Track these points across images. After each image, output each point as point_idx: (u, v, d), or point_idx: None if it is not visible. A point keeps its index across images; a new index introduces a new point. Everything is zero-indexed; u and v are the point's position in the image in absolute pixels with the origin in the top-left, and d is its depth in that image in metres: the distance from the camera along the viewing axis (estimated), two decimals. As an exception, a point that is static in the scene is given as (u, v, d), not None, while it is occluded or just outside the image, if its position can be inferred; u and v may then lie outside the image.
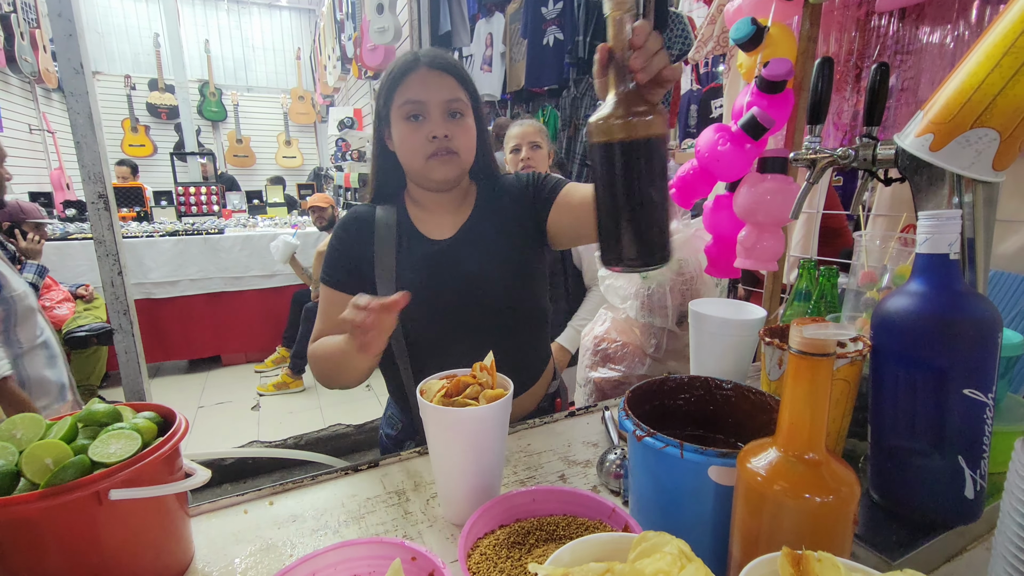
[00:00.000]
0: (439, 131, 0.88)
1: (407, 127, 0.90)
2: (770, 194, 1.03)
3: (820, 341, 0.42)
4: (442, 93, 0.89)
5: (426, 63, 0.89)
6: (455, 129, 0.90)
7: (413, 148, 0.90)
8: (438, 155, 0.90)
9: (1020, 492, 0.42)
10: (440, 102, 0.89)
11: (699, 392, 0.72)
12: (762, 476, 0.46)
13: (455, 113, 0.90)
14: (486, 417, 0.64)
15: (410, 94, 0.89)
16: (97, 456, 0.53)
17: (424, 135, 0.89)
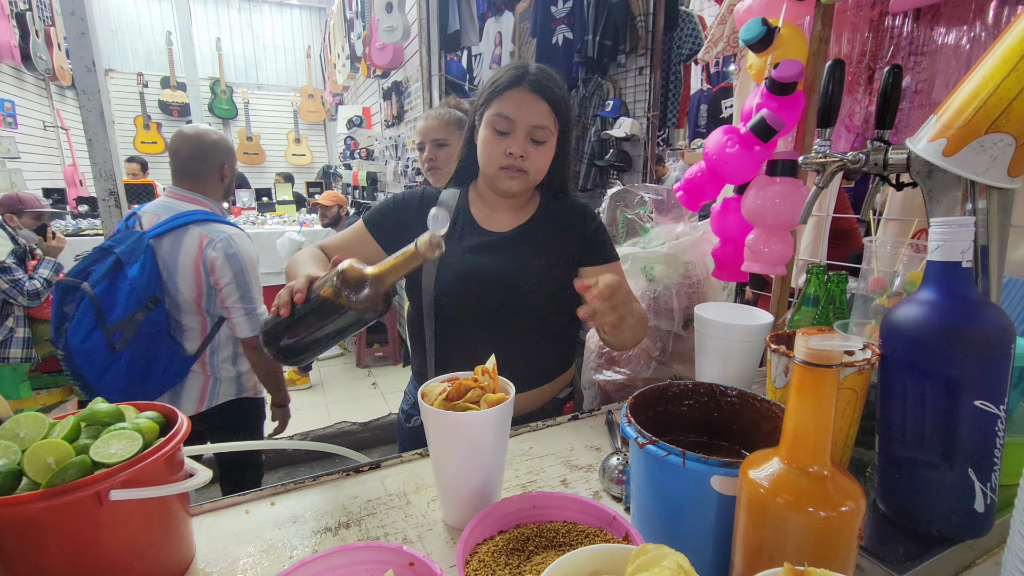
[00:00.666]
0: (517, 150, 0.95)
1: (492, 136, 0.96)
2: (779, 197, 1.01)
3: (826, 352, 0.41)
4: (532, 118, 0.95)
5: (529, 84, 0.95)
6: (533, 152, 0.97)
7: (490, 156, 0.97)
8: (509, 170, 0.97)
9: (1032, 509, 0.41)
10: (527, 126, 0.95)
11: (703, 399, 0.71)
12: (765, 488, 0.45)
13: (538, 140, 0.97)
14: (487, 421, 0.63)
15: (504, 109, 0.95)
16: (98, 456, 0.53)
17: (503, 148, 0.95)
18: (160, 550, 0.60)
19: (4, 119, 4.20)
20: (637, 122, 3.75)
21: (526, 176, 0.98)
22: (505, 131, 0.96)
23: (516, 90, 0.95)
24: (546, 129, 0.96)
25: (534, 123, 0.95)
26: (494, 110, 0.96)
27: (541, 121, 0.95)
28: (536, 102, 0.95)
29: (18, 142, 4.42)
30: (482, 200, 1.07)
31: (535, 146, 0.97)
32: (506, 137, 0.96)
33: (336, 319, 0.70)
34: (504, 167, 0.97)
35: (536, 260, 1.02)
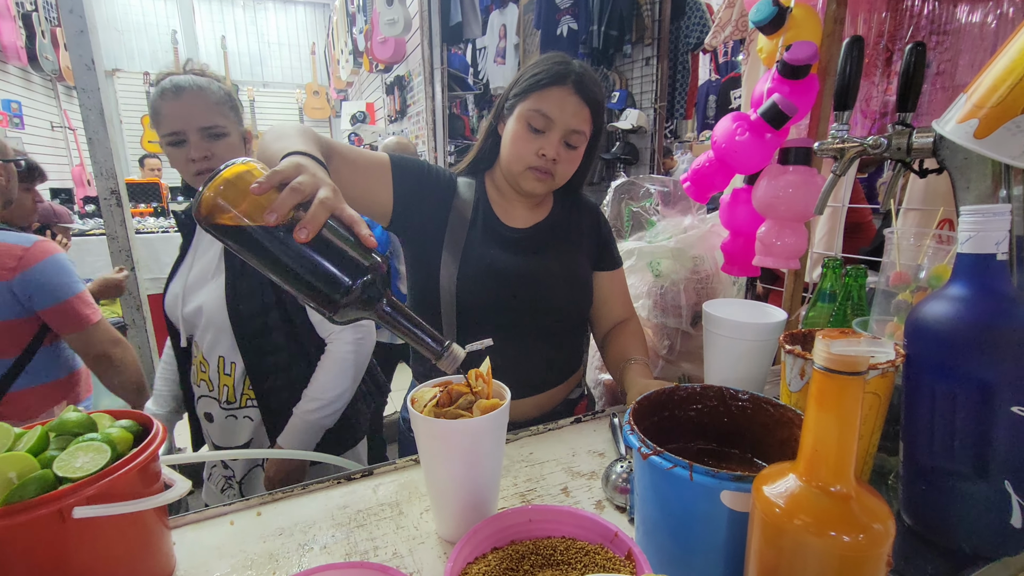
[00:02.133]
0: (550, 152, 0.90)
1: (525, 132, 0.91)
2: (792, 187, 0.96)
3: (851, 359, 0.36)
4: (571, 121, 0.90)
5: (574, 83, 0.90)
6: (565, 156, 0.92)
7: (519, 153, 0.92)
8: (537, 171, 0.92)
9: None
10: (565, 128, 0.90)
11: (712, 403, 0.67)
12: (780, 508, 0.41)
13: (572, 145, 0.93)
14: (480, 430, 0.59)
15: (543, 106, 0.89)
16: (62, 471, 0.50)
17: (535, 148, 0.90)
18: (135, 567, 0.56)
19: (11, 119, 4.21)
20: (644, 113, 3.68)
21: (552, 179, 0.93)
22: (540, 129, 0.90)
23: (559, 88, 0.89)
24: (582, 134, 0.92)
25: (572, 127, 0.90)
26: (531, 105, 0.90)
27: (580, 126, 0.91)
28: (578, 105, 0.90)
29: (25, 143, 4.44)
30: (499, 193, 1.02)
31: (567, 150, 0.93)
32: (540, 136, 0.90)
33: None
34: (533, 167, 0.92)
35: (557, 259, 0.99)
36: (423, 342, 0.57)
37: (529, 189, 0.95)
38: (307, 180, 0.53)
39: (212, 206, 0.51)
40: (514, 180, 0.96)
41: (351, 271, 0.52)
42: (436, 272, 0.94)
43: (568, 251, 1.01)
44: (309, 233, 0.50)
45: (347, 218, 0.54)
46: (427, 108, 3.62)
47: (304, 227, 0.50)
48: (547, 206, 1.05)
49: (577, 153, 0.95)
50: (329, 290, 0.52)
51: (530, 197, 0.99)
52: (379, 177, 0.90)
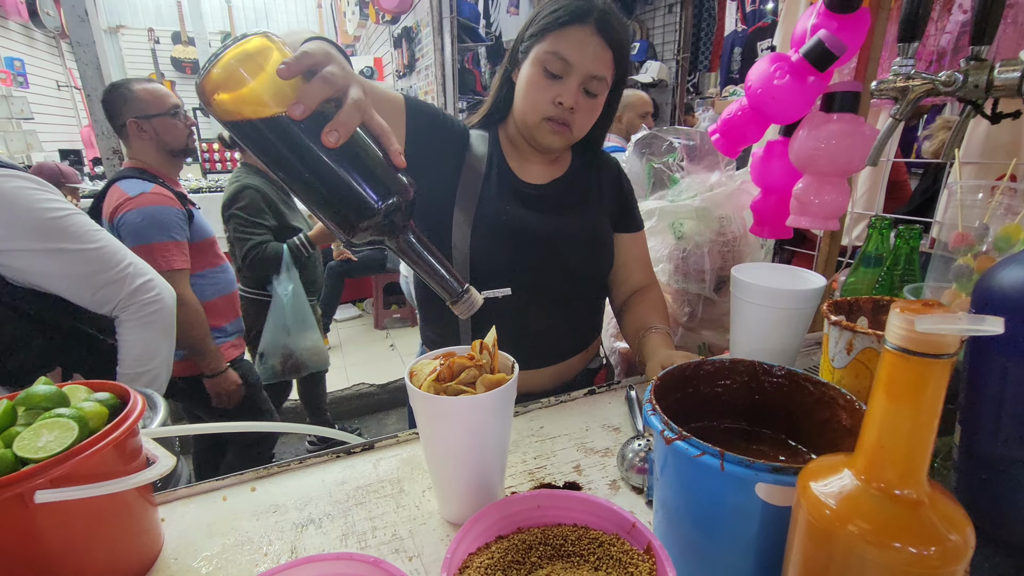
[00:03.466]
0: (568, 100, 0.82)
1: (539, 78, 0.83)
2: (836, 137, 0.86)
3: (938, 338, 0.29)
4: (592, 65, 0.81)
5: (596, 22, 0.80)
6: (583, 105, 0.84)
7: (535, 102, 0.84)
8: (554, 122, 0.84)
9: None
10: (584, 73, 0.81)
11: (743, 378, 0.60)
12: (831, 509, 0.34)
13: (592, 92, 0.84)
14: (484, 407, 0.54)
15: (561, 48, 0.80)
16: (23, 451, 0.46)
17: (552, 95, 0.82)
18: (115, 548, 0.53)
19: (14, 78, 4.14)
20: (665, 66, 3.48)
21: (569, 132, 0.85)
22: (558, 74, 0.82)
23: (580, 27, 0.80)
24: (603, 81, 0.83)
25: (592, 72, 0.81)
26: (548, 46, 0.81)
27: (600, 71, 0.82)
28: (600, 47, 0.81)
29: (31, 103, 4.37)
30: (513, 147, 0.95)
31: (587, 98, 0.84)
32: (557, 82, 0.82)
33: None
34: (549, 118, 0.84)
35: (577, 218, 0.93)
36: (443, 280, 0.51)
37: (545, 143, 0.87)
38: (339, 73, 0.44)
39: (223, 85, 0.41)
40: (529, 133, 0.88)
41: (379, 190, 0.45)
42: (448, 230, 0.88)
43: (588, 210, 0.94)
44: (340, 137, 0.42)
45: (376, 127, 0.47)
46: (436, 61, 3.46)
47: (335, 129, 0.42)
48: (565, 162, 0.97)
49: (597, 102, 0.86)
50: (350, 208, 0.45)
51: (546, 152, 0.92)
52: (393, 115, 0.82)
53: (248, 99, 0.42)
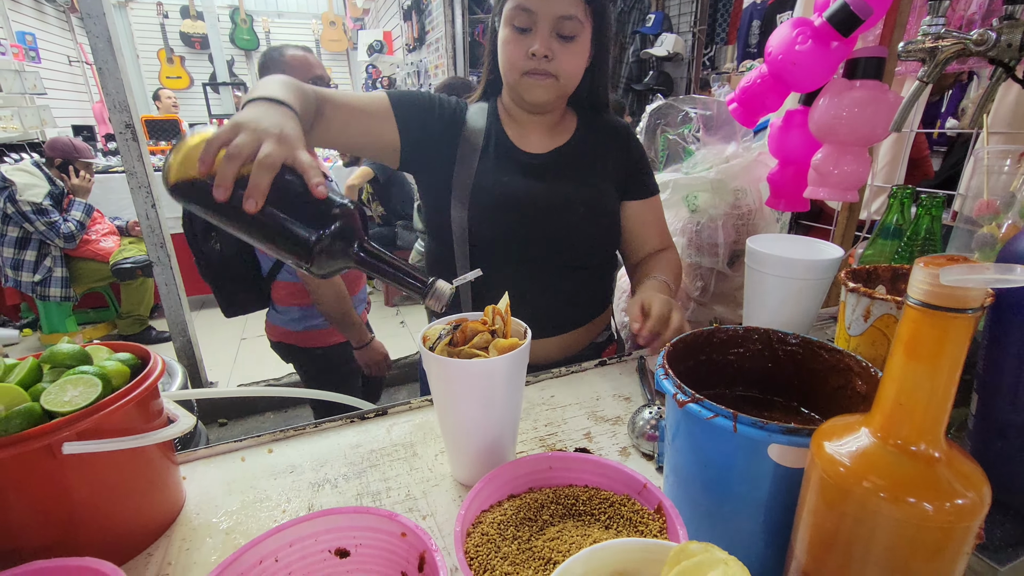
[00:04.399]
0: (540, 49, 0.80)
1: (511, 35, 0.82)
2: (858, 105, 0.83)
3: (963, 291, 0.28)
4: (556, 6, 0.79)
5: None
6: (560, 50, 0.81)
7: (511, 59, 0.83)
8: (534, 75, 0.82)
9: None
10: (551, 17, 0.79)
11: (756, 347, 0.60)
12: (846, 466, 0.34)
13: (566, 35, 0.81)
14: (496, 371, 0.54)
15: (523, 0, 0.79)
16: (50, 404, 0.47)
17: (525, 48, 0.81)
18: (139, 502, 0.55)
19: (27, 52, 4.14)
20: (681, 39, 3.39)
21: (556, 81, 0.83)
22: (526, 27, 0.80)
23: None
24: (575, 20, 0.80)
25: (559, 13, 0.79)
26: (512, 3, 0.80)
27: (567, 10, 0.79)
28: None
29: (44, 78, 4.38)
30: (511, 118, 0.93)
31: (563, 43, 0.81)
32: (527, 35, 0.81)
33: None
34: (528, 72, 0.82)
35: (580, 187, 0.90)
36: (405, 283, 0.54)
37: (533, 98, 0.85)
38: (244, 140, 0.50)
39: (175, 178, 0.51)
40: (517, 94, 0.87)
41: (312, 225, 0.50)
42: (447, 206, 0.87)
43: (592, 179, 0.92)
44: (256, 203, 0.48)
45: (299, 165, 0.51)
46: (446, 34, 3.40)
47: (250, 196, 0.48)
48: (568, 129, 0.94)
49: (577, 45, 0.83)
50: (293, 248, 0.50)
51: (540, 110, 0.89)
52: (380, 116, 0.84)
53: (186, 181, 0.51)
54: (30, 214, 2.85)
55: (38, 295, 3.02)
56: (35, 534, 0.48)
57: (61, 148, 3.03)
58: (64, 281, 3.04)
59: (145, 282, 3.30)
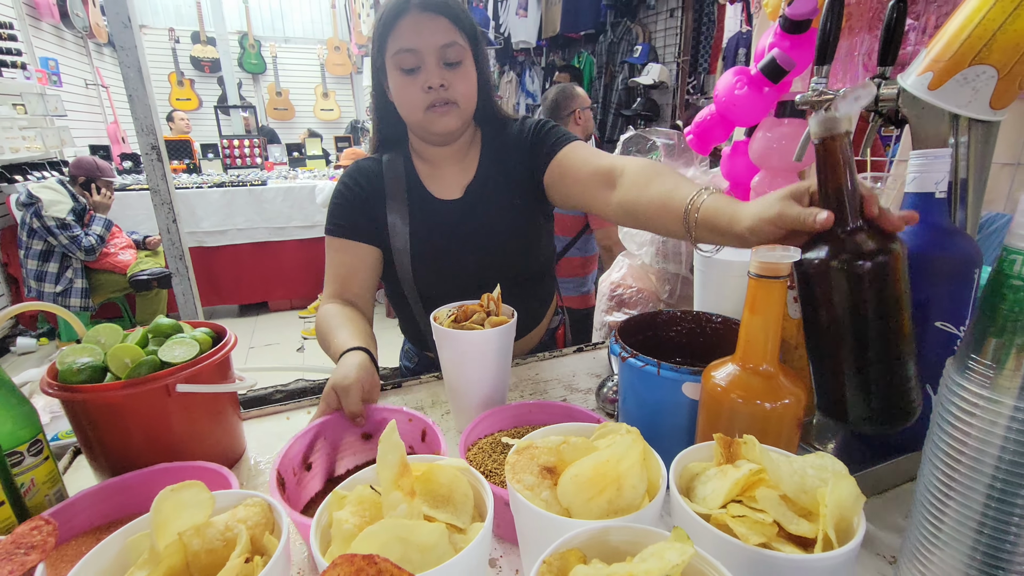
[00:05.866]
0: (435, 81, 0.84)
1: (402, 79, 0.85)
2: (786, 139, 1.03)
3: (772, 264, 0.46)
4: (436, 38, 0.83)
5: (417, 4, 0.83)
6: (452, 78, 0.85)
7: (410, 100, 0.86)
8: (436, 107, 0.86)
9: (946, 402, 0.46)
10: (435, 49, 0.83)
11: (690, 325, 0.78)
12: (721, 387, 0.52)
13: (452, 62, 0.85)
14: (490, 339, 0.72)
15: (403, 42, 0.83)
16: (165, 357, 0.64)
17: (420, 86, 0.84)
18: (218, 438, 0.72)
19: (49, 77, 4.37)
20: (666, 68, 3.64)
21: (457, 107, 0.87)
22: (414, 67, 0.84)
23: (407, 17, 0.83)
24: (456, 45, 0.84)
25: (440, 43, 0.83)
26: (393, 48, 0.84)
27: (447, 38, 0.83)
28: (433, 19, 0.83)
29: (64, 100, 4.61)
30: (423, 160, 0.98)
31: (452, 69, 0.85)
32: (418, 73, 0.84)
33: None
34: (430, 106, 0.85)
35: (497, 217, 0.96)
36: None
37: (440, 128, 0.88)
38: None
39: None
40: (424, 131, 0.90)
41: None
42: (391, 268, 0.97)
43: (505, 202, 0.96)
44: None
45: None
46: (448, 64, 3.63)
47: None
48: (474, 158, 0.98)
49: (465, 68, 0.87)
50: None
51: (450, 138, 0.93)
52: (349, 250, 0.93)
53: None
54: (54, 228, 3.03)
55: (59, 305, 3.18)
56: (146, 455, 0.65)
57: (86, 167, 3.23)
58: (84, 292, 3.21)
59: (159, 293, 3.47)
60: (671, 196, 0.71)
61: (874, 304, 0.48)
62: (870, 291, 0.48)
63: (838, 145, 0.48)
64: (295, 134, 7.64)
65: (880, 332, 0.49)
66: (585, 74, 4.17)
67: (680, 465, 0.44)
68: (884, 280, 0.48)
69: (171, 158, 4.59)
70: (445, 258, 0.96)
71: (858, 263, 0.47)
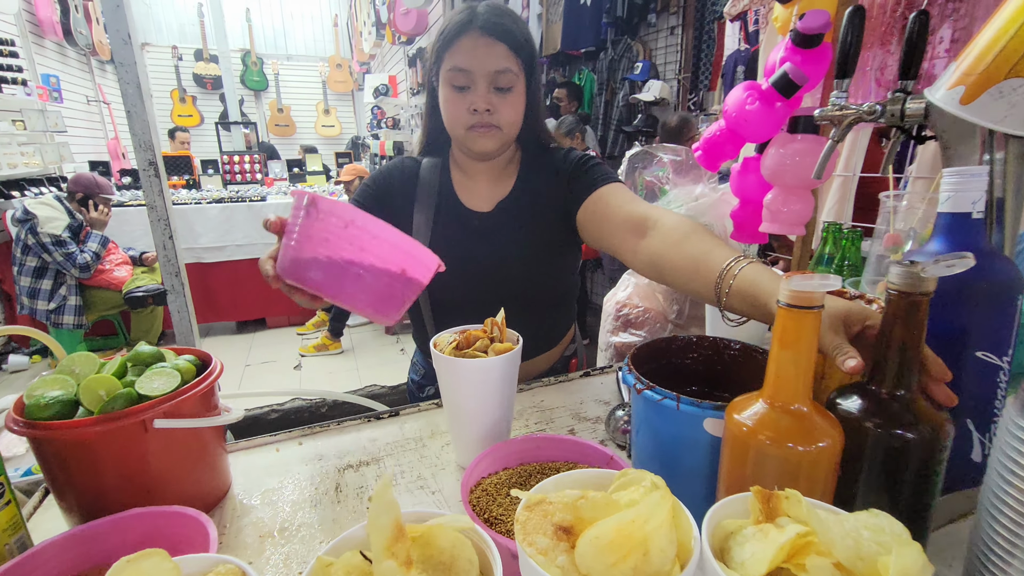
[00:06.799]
0: (481, 105, 0.86)
1: (452, 94, 0.88)
2: (799, 155, 0.99)
3: (807, 294, 0.42)
4: (490, 63, 0.85)
5: (480, 25, 0.85)
6: (499, 103, 0.87)
7: (455, 117, 0.89)
8: (478, 128, 0.88)
9: (1008, 448, 0.42)
10: (487, 73, 0.86)
11: (707, 352, 0.73)
12: (747, 427, 0.47)
13: (503, 87, 0.87)
14: (493, 368, 0.67)
15: (457, 61, 0.86)
16: (143, 390, 0.60)
17: (466, 106, 0.87)
18: (199, 477, 0.66)
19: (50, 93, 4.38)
20: (667, 85, 3.64)
21: (499, 131, 0.89)
22: (464, 85, 0.87)
23: (466, 36, 0.85)
24: (509, 72, 0.86)
25: (494, 68, 0.85)
26: (448, 64, 0.87)
27: (501, 64, 0.85)
28: (491, 44, 0.85)
29: (64, 116, 4.62)
30: (461, 171, 1.00)
31: (501, 95, 0.87)
32: (467, 92, 0.87)
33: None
34: (472, 127, 0.88)
35: (524, 238, 0.96)
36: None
37: (479, 148, 0.91)
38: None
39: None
40: (463, 146, 0.94)
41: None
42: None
43: (535, 226, 0.97)
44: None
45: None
46: (449, 80, 3.64)
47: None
48: (511, 175, 1.00)
49: (514, 95, 0.89)
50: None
51: (488, 157, 0.96)
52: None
53: None
54: (49, 245, 2.99)
55: (52, 323, 3.13)
56: (120, 497, 0.60)
57: (85, 184, 3.21)
58: (78, 309, 3.16)
59: (155, 310, 3.42)
60: (706, 258, 0.69)
61: (905, 476, 0.47)
62: (903, 464, 0.46)
63: (917, 305, 0.45)
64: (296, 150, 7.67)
65: (908, 501, 0.47)
66: (586, 91, 4.18)
67: (713, 522, 0.40)
68: (923, 459, 0.47)
69: (171, 174, 4.58)
70: (462, 266, 0.92)
71: (897, 432, 0.46)
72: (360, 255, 0.55)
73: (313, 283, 0.56)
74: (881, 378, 0.48)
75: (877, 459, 0.47)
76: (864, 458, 0.48)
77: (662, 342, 0.72)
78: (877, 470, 0.48)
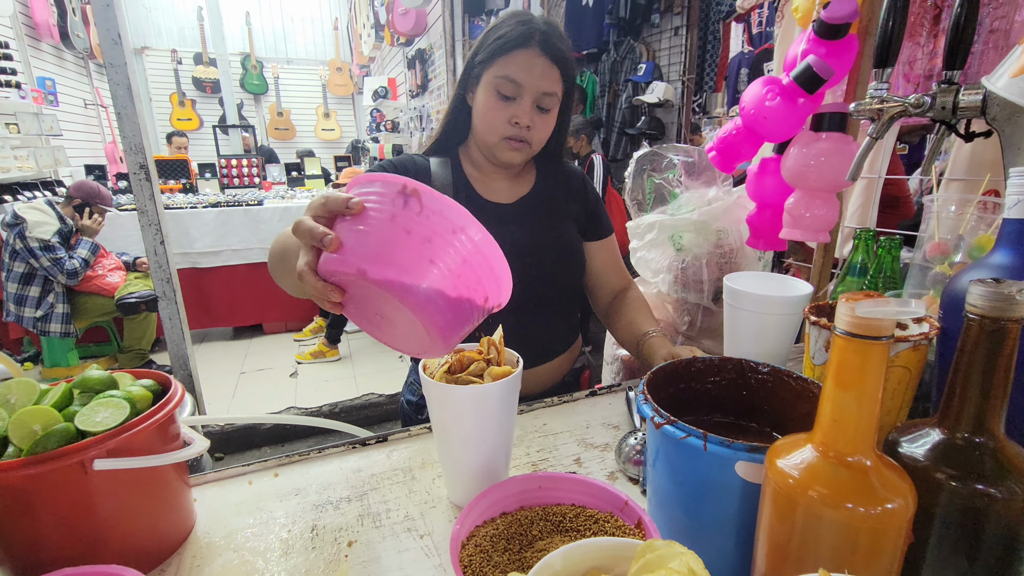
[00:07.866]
0: (524, 120, 0.87)
1: (495, 101, 0.88)
2: (825, 155, 0.91)
3: (876, 322, 0.34)
4: (542, 83, 0.87)
5: (539, 44, 0.86)
6: (539, 121, 0.90)
7: (493, 124, 0.89)
8: (512, 140, 0.89)
9: None
10: (536, 91, 0.87)
11: (731, 375, 0.65)
12: (794, 479, 0.39)
13: (544, 107, 0.89)
14: (490, 395, 0.59)
15: (511, 71, 0.86)
16: (83, 424, 0.52)
17: (508, 116, 0.87)
18: (156, 519, 0.58)
19: (45, 97, 4.33)
20: (671, 86, 3.56)
21: (529, 148, 0.91)
22: (511, 96, 0.87)
23: (525, 50, 0.86)
24: (554, 96, 0.89)
25: (543, 89, 0.87)
26: (498, 71, 0.87)
27: (551, 87, 0.88)
28: (547, 66, 0.87)
29: (60, 120, 4.56)
30: (476, 168, 1.00)
31: (541, 114, 0.90)
32: (511, 103, 0.88)
33: None
34: (508, 137, 0.89)
35: (546, 231, 0.98)
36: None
37: (506, 159, 0.92)
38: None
39: None
40: (489, 152, 0.93)
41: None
42: None
43: (556, 222, 1.00)
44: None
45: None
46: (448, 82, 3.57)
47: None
48: (530, 178, 1.02)
49: (551, 116, 0.92)
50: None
51: (507, 168, 0.98)
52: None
53: None
54: (37, 250, 2.91)
55: (39, 331, 3.05)
56: (61, 547, 0.52)
57: (87, 191, 3.14)
58: (65, 317, 3.09)
59: (148, 317, 3.35)
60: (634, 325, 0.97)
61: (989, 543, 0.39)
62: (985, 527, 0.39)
63: (1006, 332, 0.37)
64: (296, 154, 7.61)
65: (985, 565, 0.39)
66: (588, 93, 4.11)
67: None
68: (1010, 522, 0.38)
69: (168, 178, 4.51)
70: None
71: (978, 488, 0.38)
72: (460, 267, 0.47)
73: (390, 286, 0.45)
74: (956, 420, 0.40)
75: (953, 521, 0.39)
76: (935, 518, 0.40)
77: (680, 365, 0.64)
78: (953, 535, 0.39)
